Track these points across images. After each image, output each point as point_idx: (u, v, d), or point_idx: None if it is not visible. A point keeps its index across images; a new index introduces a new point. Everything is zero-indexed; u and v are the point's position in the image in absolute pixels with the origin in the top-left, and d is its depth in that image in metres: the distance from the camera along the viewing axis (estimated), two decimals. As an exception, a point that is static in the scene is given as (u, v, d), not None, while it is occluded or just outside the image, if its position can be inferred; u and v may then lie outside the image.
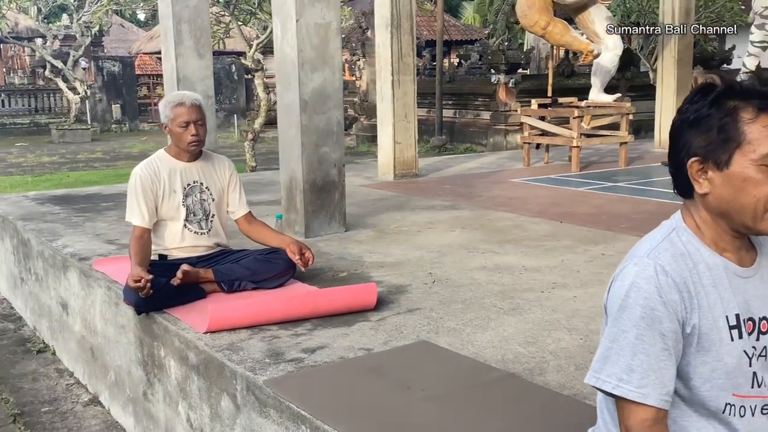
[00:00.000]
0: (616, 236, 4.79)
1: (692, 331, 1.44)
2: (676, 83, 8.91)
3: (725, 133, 1.42)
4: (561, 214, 5.53)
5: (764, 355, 1.51)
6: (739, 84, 1.45)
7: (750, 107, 1.41)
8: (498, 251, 4.48)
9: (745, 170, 1.40)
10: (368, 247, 4.66)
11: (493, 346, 2.96)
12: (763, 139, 1.40)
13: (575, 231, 4.98)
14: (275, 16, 4.99)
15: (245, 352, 2.94)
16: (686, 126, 1.48)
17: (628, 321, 1.43)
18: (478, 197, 6.42)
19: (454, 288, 3.75)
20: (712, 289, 1.46)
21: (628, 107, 7.91)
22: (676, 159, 1.51)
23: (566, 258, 4.28)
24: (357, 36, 18.43)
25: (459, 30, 25.96)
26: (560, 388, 2.56)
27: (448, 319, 3.28)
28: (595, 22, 7.70)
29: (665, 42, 8.99)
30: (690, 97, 1.51)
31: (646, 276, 1.43)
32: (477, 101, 15.89)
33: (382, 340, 3.05)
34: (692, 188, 1.49)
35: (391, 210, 5.88)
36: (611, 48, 7.75)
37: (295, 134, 4.90)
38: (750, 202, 1.41)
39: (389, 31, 7.07)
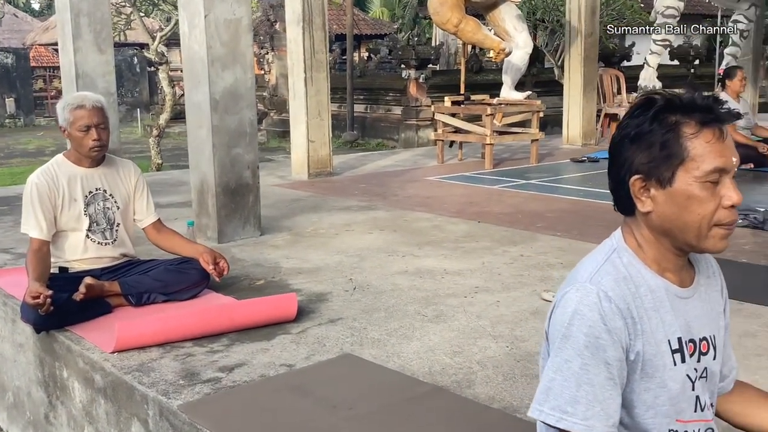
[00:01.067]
0: (534, 236, 4.81)
1: (636, 357, 1.38)
2: (583, 80, 9.11)
3: (668, 149, 1.36)
4: (478, 214, 5.53)
5: (705, 377, 1.48)
6: (680, 98, 1.40)
7: (692, 122, 1.36)
8: (418, 254, 4.41)
9: (689, 187, 1.35)
10: (285, 252, 4.50)
11: (420, 357, 2.88)
12: (707, 155, 1.35)
13: (493, 231, 4.97)
14: (182, 11, 4.75)
15: (157, 374, 2.75)
16: (627, 142, 1.42)
17: (571, 350, 1.36)
18: (394, 196, 6.35)
19: (375, 295, 3.65)
20: (654, 313, 1.41)
21: (539, 105, 8.02)
22: (616, 176, 1.45)
23: (487, 260, 4.25)
24: (265, 29, 18.07)
25: (368, 24, 25.90)
26: (489, 400, 2.50)
27: (372, 330, 3.18)
28: (506, 20, 7.76)
29: (572, 40, 9.17)
30: (630, 111, 1.45)
31: (589, 303, 1.36)
32: (388, 96, 15.88)
33: (304, 355, 2.92)
34: (634, 206, 1.43)
35: (307, 211, 5.73)
36: (522, 46, 7.84)
37: (206, 135, 4.69)
38: (694, 220, 1.37)
39: (301, 26, 6.89)
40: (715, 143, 1.36)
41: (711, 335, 1.50)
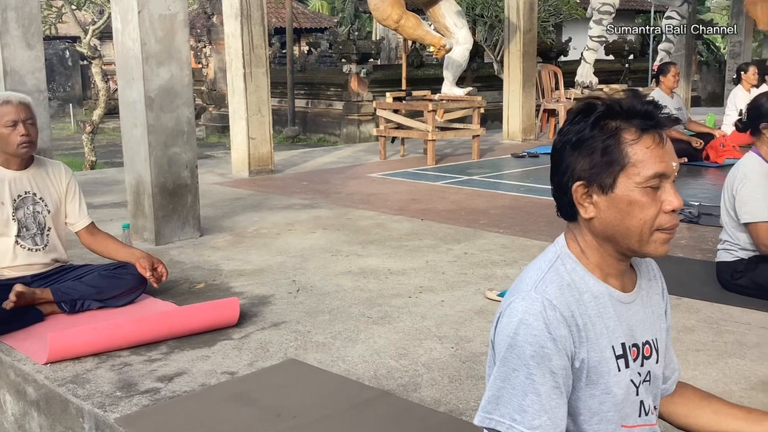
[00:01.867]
0: (477, 233, 4.82)
1: (581, 365, 1.38)
2: (522, 76, 9.19)
3: (609, 155, 1.36)
4: (421, 211, 5.52)
5: (648, 380, 1.49)
6: (620, 104, 1.40)
7: (632, 128, 1.36)
8: (361, 253, 4.37)
9: (631, 193, 1.35)
10: (226, 254, 4.41)
11: (365, 360, 2.84)
12: (647, 160, 1.35)
13: (436, 229, 4.97)
14: (114, 6, 4.59)
15: (92, 385, 2.65)
16: (569, 148, 1.41)
17: (517, 360, 1.34)
18: (337, 194, 6.30)
19: (319, 296, 3.60)
20: (598, 319, 1.41)
21: (479, 101, 8.06)
22: (559, 182, 1.43)
23: (430, 258, 4.24)
24: (202, 22, 17.74)
25: (308, 17, 25.67)
26: (436, 404, 2.48)
27: (316, 333, 3.13)
28: (446, 16, 7.77)
29: (511, 36, 9.25)
30: (571, 117, 1.44)
31: (534, 312, 1.35)
32: (329, 91, 15.78)
33: (247, 361, 2.85)
34: (576, 212, 1.42)
35: (249, 210, 5.63)
36: (462, 42, 7.86)
37: (141, 134, 4.55)
38: (636, 226, 1.37)
39: (239, 21, 6.75)
40: (655, 149, 1.36)
41: (653, 339, 1.51)
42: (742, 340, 2.96)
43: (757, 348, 2.88)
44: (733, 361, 2.77)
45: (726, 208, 3.48)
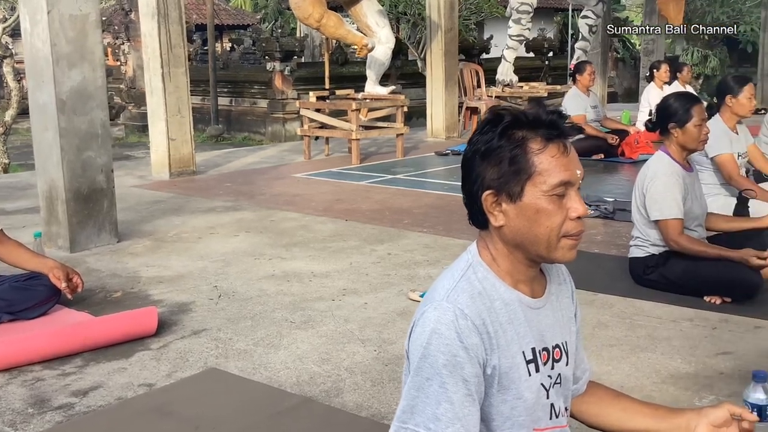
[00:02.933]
0: (400, 233, 4.85)
1: (493, 372, 1.41)
2: (444, 74, 9.29)
3: (516, 164, 1.39)
4: (346, 211, 5.51)
5: (559, 383, 1.53)
6: (526, 114, 1.43)
7: (538, 137, 1.40)
8: (285, 256, 4.34)
9: (537, 201, 1.39)
10: (145, 260, 4.30)
11: (287, 367, 2.82)
12: (553, 169, 1.39)
13: (361, 229, 4.98)
14: (22, 6, 4.41)
15: (2, 402, 2.55)
16: (478, 158, 1.44)
17: (430, 369, 1.36)
18: (260, 195, 6.23)
19: (241, 302, 3.55)
20: (509, 326, 1.44)
21: (403, 100, 8.10)
22: (469, 191, 1.46)
23: (354, 260, 4.24)
24: (120, 18, 17.24)
25: (230, 14, 25.27)
26: (358, 408, 2.49)
27: (238, 340, 3.09)
28: (368, 15, 7.77)
29: (433, 35, 9.33)
30: (480, 127, 1.47)
31: (446, 321, 1.37)
32: (253, 89, 15.57)
33: (165, 372, 2.79)
34: (487, 220, 1.45)
35: (169, 214, 5.51)
36: (384, 41, 7.88)
37: (53, 138, 4.39)
38: (544, 233, 1.40)
39: (156, 20, 6.59)
40: (560, 158, 1.40)
41: (563, 342, 1.55)
42: (654, 334, 3.07)
43: (667, 342, 2.99)
44: (644, 355, 2.87)
45: (637, 205, 3.60)
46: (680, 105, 3.55)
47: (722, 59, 19.42)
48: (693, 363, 2.78)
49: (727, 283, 3.36)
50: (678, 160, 3.55)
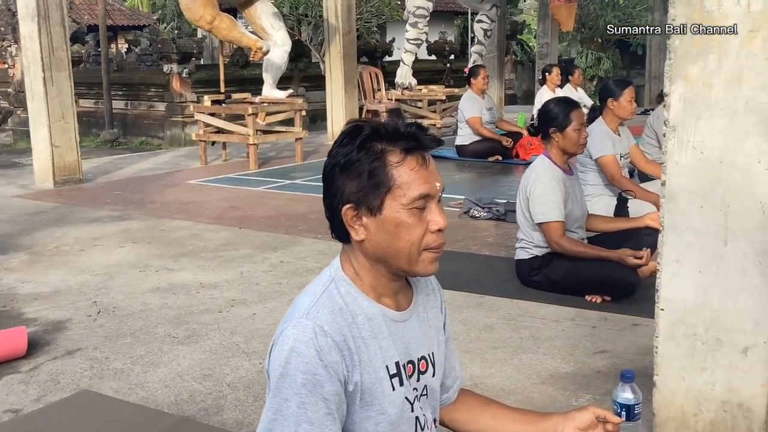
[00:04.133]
0: (294, 240, 4.78)
1: (355, 388, 1.38)
2: (344, 78, 9.27)
3: (375, 178, 1.37)
4: (240, 219, 5.40)
5: (425, 394, 1.52)
6: (385, 126, 1.41)
7: (397, 150, 1.38)
8: (173, 267, 4.20)
9: (397, 215, 1.37)
10: (21, 276, 4.07)
11: (166, 385, 2.72)
12: (412, 182, 1.37)
13: (254, 237, 4.88)
14: None
15: None
16: (337, 171, 1.41)
17: (289, 389, 1.33)
18: (151, 204, 6.02)
19: (122, 318, 3.41)
20: (372, 341, 1.41)
21: (301, 103, 8.03)
22: (330, 205, 1.43)
23: (245, 269, 4.15)
24: (6, 19, 16.38)
25: (125, 14, 24.42)
26: (238, 426, 2.42)
27: (115, 359, 2.95)
28: (262, 17, 7.65)
29: (330, 38, 9.30)
30: (339, 140, 1.44)
31: (305, 339, 1.34)
32: (150, 92, 15.08)
33: (34, 396, 2.64)
34: (349, 234, 1.42)
35: (51, 225, 5.24)
36: (280, 44, 7.77)
37: None
38: (404, 246, 1.38)
39: (36, 22, 6.27)
40: (419, 170, 1.38)
41: (430, 353, 1.54)
42: (537, 335, 3.13)
43: (549, 342, 3.05)
44: (527, 356, 2.92)
45: (521, 208, 3.67)
46: (560, 110, 3.63)
47: (615, 61, 20.20)
48: (572, 362, 2.85)
49: (606, 282, 3.46)
50: (559, 163, 3.64)
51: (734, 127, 2.00)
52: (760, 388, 2.07)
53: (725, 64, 1.99)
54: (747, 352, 2.07)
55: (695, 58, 2.03)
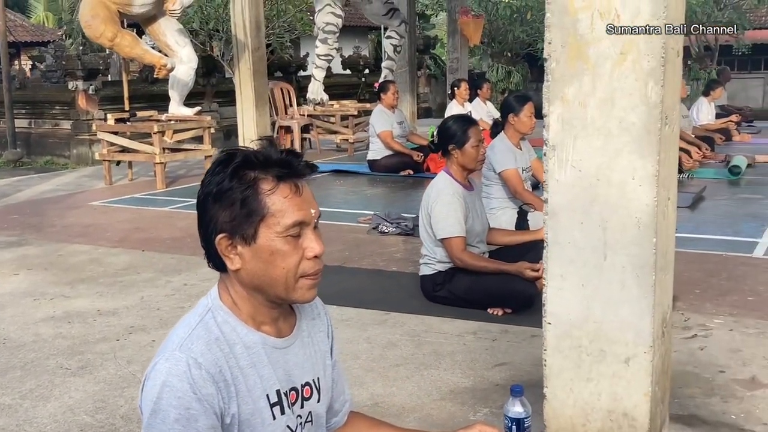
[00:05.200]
0: (200, 261, 4.61)
1: (232, 420, 1.37)
2: (254, 94, 9.15)
3: (248, 206, 1.36)
4: (143, 241, 5.25)
5: (310, 421, 1.51)
6: (257, 154, 1.40)
7: (269, 178, 1.37)
8: (69, 294, 4.04)
9: (272, 243, 1.36)
10: None
11: (56, 420, 2.61)
12: (286, 209, 1.36)
13: (158, 260, 4.76)
14: None
15: None
16: (210, 200, 1.39)
17: (162, 425, 1.30)
18: (50, 228, 5.79)
19: (12, 350, 3.25)
20: (251, 370, 1.40)
21: (209, 121, 7.91)
22: (205, 234, 1.41)
23: (146, 294, 4.04)
24: None
25: (27, 30, 23.51)
26: (130, 460, 2.34)
27: (3, 394, 2.82)
28: (167, 34, 7.50)
29: (240, 54, 9.18)
30: (211, 168, 1.42)
31: (179, 372, 1.31)
32: (55, 110, 14.56)
33: None
34: (225, 263, 1.41)
35: (-61, 254, 4.98)
36: (186, 61, 7.64)
37: None
38: (280, 274, 1.37)
39: None
40: (292, 197, 1.37)
41: (315, 378, 1.53)
42: (439, 350, 3.16)
43: (451, 356, 3.09)
44: (428, 373, 2.94)
45: (423, 225, 3.71)
46: (458, 127, 3.70)
47: (524, 75, 20.72)
48: (472, 377, 2.89)
49: (507, 295, 3.54)
50: (459, 180, 3.70)
51: (609, 145, 2.07)
52: (642, 397, 2.15)
53: (599, 86, 2.06)
54: (629, 362, 2.15)
55: (571, 80, 2.10)
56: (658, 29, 1.96)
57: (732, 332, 3.25)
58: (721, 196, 6.52)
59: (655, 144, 2.01)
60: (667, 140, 2.08)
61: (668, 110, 2.06)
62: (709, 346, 3.09)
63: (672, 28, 2.00)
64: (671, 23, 2.00)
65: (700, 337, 3.20)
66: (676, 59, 2.10)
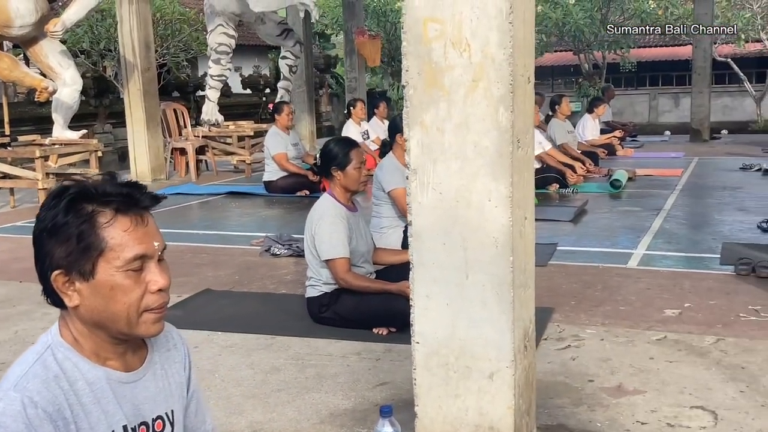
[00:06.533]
0: (81, 291, 4.52)
1: (73, 459, 1.33)
2: (145, 115, 8.99)
3: (85, 241, 1.33)
4: (22, 272, 5.02)
5: (172, 455, 1.49)
6: (95, 186, 1.37)
7: (108, 210, 1.34)
8: (-64, 332, 3.83)
9: (112, 278, 1.33)
10: None
11: None
12: (126, 243, 1.34)
13: (35, 291, 4.49)
14: None
15: None
16: (45, 236, 1.36)
17: None
18: None
19: None
20: (94, 406, 1.36)
21: (95, 144, 7.68)
22: (41, 270, 1.38)
23: (21, 328, 3.87)
24: None
25: None
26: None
27: None
28: (49, 56, 7.26)
29: (129, 75, 9.00)
30: (46, 202, 1.39)
31: (13, 413, 1.27)
32: (-67, 134, 13.80)
33: None
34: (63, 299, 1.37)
35: None
36: (70, 83, 7.41)
37: None
38: (122, 310, 1.35)
39: None
40: (133, 231, 1.35)
41: (168, 411, 1.51)
42: (322, 373, 3.16)
43: (333, 378, 3.10)
44: (310, 396, 2.94)
45: (308, 247, 3.72)
46: (340, 149, 3.74)
47: (423, 93, 21.12)
48: (353, 398, 2.91)
49: (390, 314, 3.58)
50: (342, 201, 3.73)
51: (466, 168, 2.15)
52: (506, 410, 2.23)
53: (454, 112, 2.14)
54: (493, 377, 2.22)
55: (428, 106, 2.17)
56: (506, 58, 2.06)
57: (603, 341, 3.40)
58: (602, 209, 6.82)
59: (507, 167, 2.10)
60: (521, 163, 2.18)
61: (520, 134, 2.16)
62: (581, 356, 3.23)
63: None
64: (519, 52, 2.10)
65: (572, 348, 3.33)
66: (526, 85, 2.20)
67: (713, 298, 3.96)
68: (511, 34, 2.04)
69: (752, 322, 3.57)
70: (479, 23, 2.05)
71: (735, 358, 3.14)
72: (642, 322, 3.62)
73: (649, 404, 2.73)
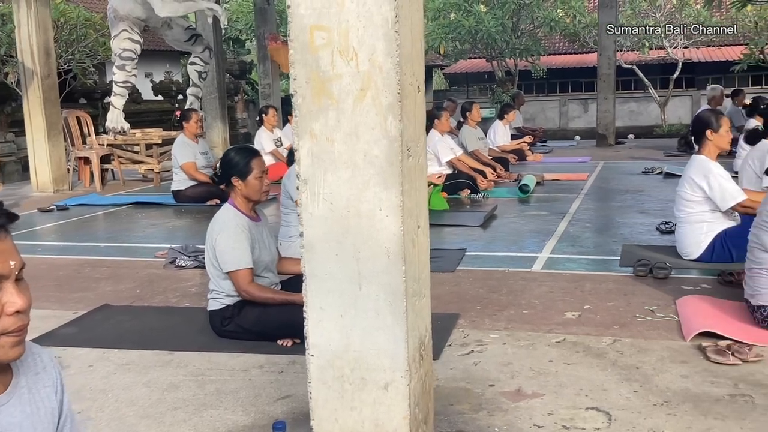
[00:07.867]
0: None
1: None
2: (46, 123, 8.64)
3: None
4: None
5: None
6: None
7: None
8: None
9: None
10: None
11: None
12: None
13: None
14: None
15: None
16: None
17: None
18: None
19: None
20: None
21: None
22: None
23: None
24: None
25: None
26: None
27: None
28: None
29: (29, 82, 8.62)
30: None
31: None
32: None
33: None
34: None
35: None
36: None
37: None
38: None
39: None
40: None
41: (38, 438, 1.43)
42: (222, 388, 3.08)
43: (234, 394, 3.02)
44: (208, 414, 2.85)
45: (209, 258, 3.63)
46: (241, 158, 3.66)
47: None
48: (253, 413, 2.83)
49: (293, 325, 3.48)
50: (244, 211, 3.66)
51: (356, 178, 2.13)
52: (402, 420, 2.21)
53: (343, 121, 2.11)
54: (388, 388, 2.20)
55: (317, 115, 2.14)
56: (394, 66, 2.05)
57: (505, 345, 3.44)
58: (511, 214, 6.95)
59: (397, 176, 2.09)
60: (412, 171, 2.17)
61: (410, 143, 2.15)
62: (483, 361, 3.25)
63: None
64: (406, 60, 2.09)
65: (475, 353, 3.36)
66: (416, 94, 2.20)
67: (612, 300, 4.07)
68: (398, 43, 2.03)
69: (647, 323, 3.68)
70: (365, 32, 2.04)
71: (630, 359, 3.23)
72: (543, 325, 3.69)
73: (546, 407, 2.77)
